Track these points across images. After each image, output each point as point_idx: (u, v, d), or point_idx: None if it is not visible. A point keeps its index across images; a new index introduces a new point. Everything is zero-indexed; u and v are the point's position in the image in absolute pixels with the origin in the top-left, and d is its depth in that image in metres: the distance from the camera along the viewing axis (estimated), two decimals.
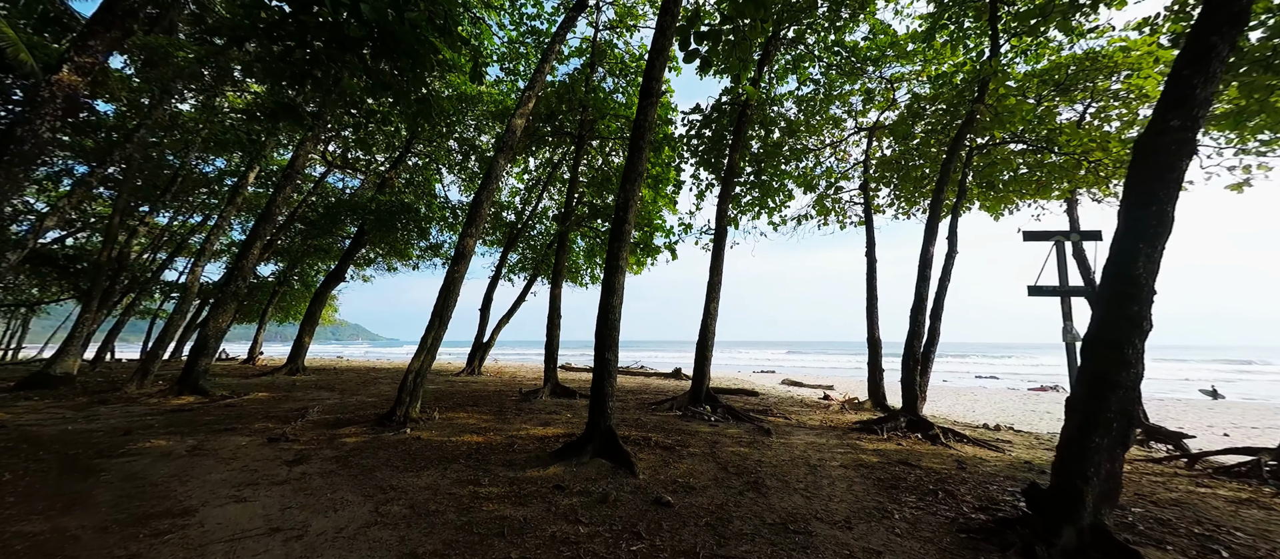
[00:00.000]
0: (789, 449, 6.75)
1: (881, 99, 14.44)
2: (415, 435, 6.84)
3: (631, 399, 12.02)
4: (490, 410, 9.29)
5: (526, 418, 8.54)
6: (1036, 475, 5.80)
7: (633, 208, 6.17)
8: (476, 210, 9.03)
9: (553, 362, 11.99)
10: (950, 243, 9.85)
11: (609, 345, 5.94)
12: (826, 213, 15.33)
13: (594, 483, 4.87)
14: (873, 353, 12.24)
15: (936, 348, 9.35)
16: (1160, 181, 3.54)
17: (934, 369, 11.24)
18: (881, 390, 11.91)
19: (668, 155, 14.74)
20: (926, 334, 8.80)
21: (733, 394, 14.14)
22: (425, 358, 8.05)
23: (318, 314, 17.16)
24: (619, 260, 6.06)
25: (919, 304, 8.69)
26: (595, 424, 5.71)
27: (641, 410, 9.90)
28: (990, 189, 11.85)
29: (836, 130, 15.44)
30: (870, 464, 6.02)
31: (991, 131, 10.33)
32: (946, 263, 9.69)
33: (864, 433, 8.06)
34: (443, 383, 14.72)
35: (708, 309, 10.57)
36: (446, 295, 8.41)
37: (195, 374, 10.55)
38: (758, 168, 13.58)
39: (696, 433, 7.63)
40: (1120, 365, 3.49)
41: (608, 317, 6.00)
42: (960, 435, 7.67)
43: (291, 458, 5.67)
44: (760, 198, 13.93)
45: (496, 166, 9.32)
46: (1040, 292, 6.55)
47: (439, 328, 8.25)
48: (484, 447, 6.30)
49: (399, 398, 7.75)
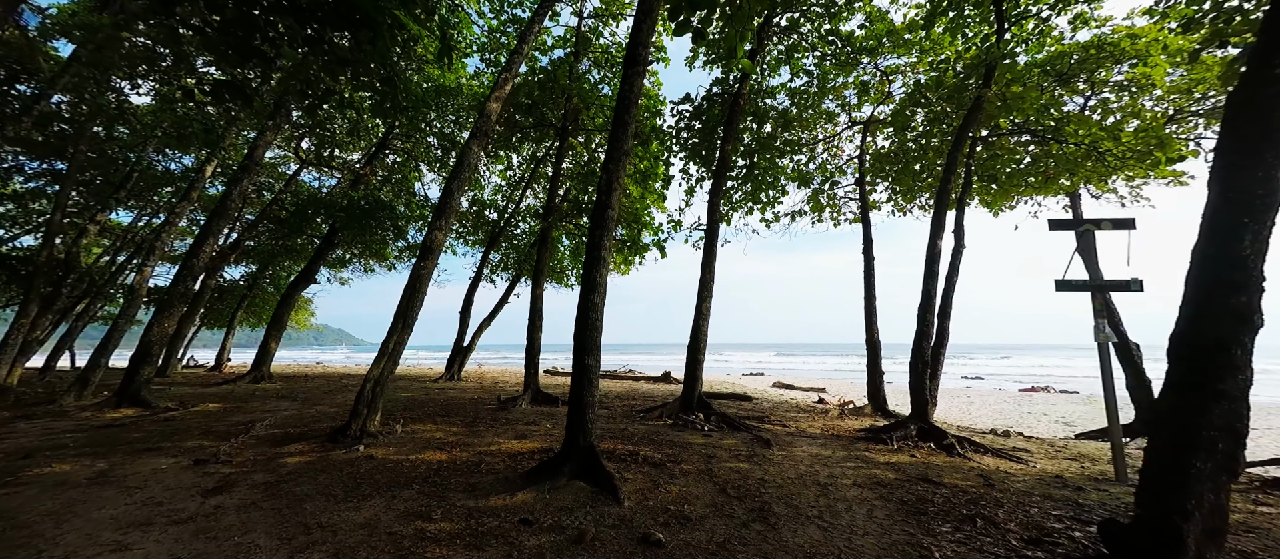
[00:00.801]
0: (793, 464, 5.97)
1: (876, 92, 13.86)
2: (369, 453, 5.92)
3: (618, 406, 11.18)
4: (462, 421, 8.38)
5: (501, 429, 7.65)
6: (1073, 493, 5.10)
7: (616, 190, 5.36)
8: (447, 202, 8.15)
9: (534, 366, 11.10)
10: (957, 236, 9.21)
11: (589, 348, 5.11)
12: (821, 209, 14.68)
13: (569, 514, 4.03)
14: (872, 355, 11.56)
15: (946, 349, 8.67)
16: (1267, 141, 2.83)
17: (896, 368, 10.61)
18: (882, 394, 11.22)
19: (656, 149, 13.97)
20: (935, 334, 8.10)
21: (725, 398, 13.36)
22: (386, 364, 7.13)
23: (286, 318, 16.03)
24: (601, 251, 5.24)
25: (927, 301, 8.00)
26: (573, 440, 4.87)
27: (629, 419, 9.07)
28: (991, 183, 11.26)
29: (829, 125, 14.83)
30: (887, 482, 5.26)
31: (998, 119, 9.73)
32: (953, 258, 9.03)
33: (872, 442, 7.31)
34: (418, 390, 13.73)
35: (699, 309, 9.79)
36: (412, 295, 7.51)
37: (136, 385, 9.47)
38: (750, 162, 12.87)
39: (689, 445, 6.82)
40: (1225, 370, 2.75)
41: (588, 315, 5.17)
42: (976, 445, 6.96)
43: (212, 485, 4.74)
44: (753, 193, 13.23)
45: (469, 154, 8.45)
46: (1069, 286, 5.87)
47: (402, 331, 7.34)
48: (446, 466, 5.42)
49: (355, 410, 6.82)
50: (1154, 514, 2.82)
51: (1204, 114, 10.77)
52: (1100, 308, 5.73)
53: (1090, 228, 5.86)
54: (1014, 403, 19.65)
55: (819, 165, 14.67)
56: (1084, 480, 5.59)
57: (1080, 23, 10.04)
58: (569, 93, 12.42)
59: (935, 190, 12.81)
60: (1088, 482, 5.55)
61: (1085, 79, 9.99)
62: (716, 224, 10.49)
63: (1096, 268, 5.83)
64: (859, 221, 14.73)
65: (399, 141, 19.00)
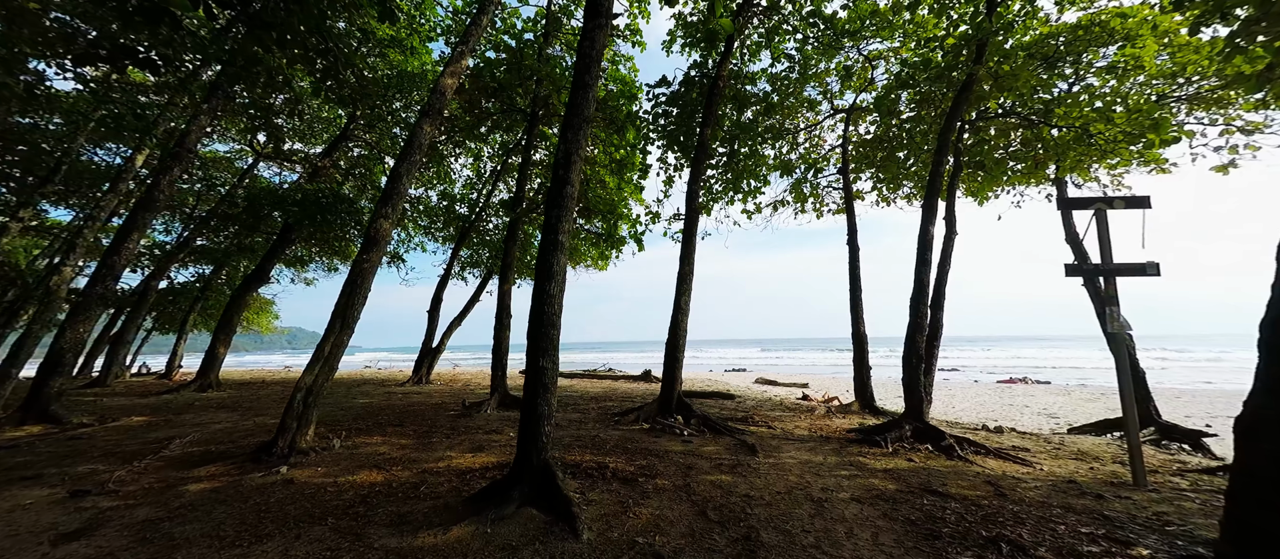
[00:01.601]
0: (782, 474, 5.27)
1: (859, 78, 13.33)
2: (291, 477, 5.02)
3: (594, 408, 10.39)
4: (415, 431, 7.48)
5: (457, 440, 6.79)
6: (1095, 502, 4.50)
7: (576, 164, 4.56)
8: (394, 187, 7.24)
9: (502, 368, 10.22)
10: (948, 224, 8.66)
11: (546, 348, 4.31)
12: (804, 199, 14.10)
13: (515, 554, 3.23)
14: (858, 350, 11.00)
15: (940, 342, 8.10)
16: None
17: (881, 361, 10.04)
18: (869, 390, 10.66)
19: (633, 137, 13.19)
20: (928, 326, 7.52)
21: (706, 397, 12.68)
22: (321, 370, 6.20)
23: (236, 321, 14.77)
24: (558, 234, 4.44)
25: (919, 291, 7.41)
26: (526, 458, 4.07)
27: (603, 424, 8.28)
28: (978, 170, 10.78)
29: (811, 114, 14.26)
30: (889, 495, 4.59)
31: (989, 100, 9.23)
32: (946, 245, 8.47)
33: (864, 445, 6.67)
34: (380, 396, 12.70)
35: (678, 303, 9.05)
36: (352, 291, 6.58)
37: (44, 398, 8.31)
38: (731, 148, 12.18)
39: (666, 454, 6.07)
40: None
41: (544, 309, 4.37)
42: (976, 445, 6.38)
43: (76, 527, 3.80)
44: (733, 181, 12.55)
45: (420, 134, 7.54)
46: (1080, 271, 5.31)
47: (341, 332, 6.42)
48: (379, 490, 4.56)
49: (283, 424, 5.88)
50: (1252, 549, 2.17)
51: (1188, 100, 10.47)
52: (1113, 295, 5.16)
53: (1103, 207, 5.29)
54: (994, 395, 19.49)
55: (801, 155, 14.09)
56: (1100, 486, 5.02)
57: (1068, 2, 9.60)
58: (538, 75, 11.55)
59: (921, 179, 12.34)
60: (1105, 487, 4.98)
61: (1072, 62, 9.56)
62: (695, 213, 9.77)
63: (1109, 251, 5.26)
64: (842, 213, 14.23)
65: (361, 133, 17.81)
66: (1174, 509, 4.32)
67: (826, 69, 13.25)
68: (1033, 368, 34.59)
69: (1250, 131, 9.42)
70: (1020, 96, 8.97)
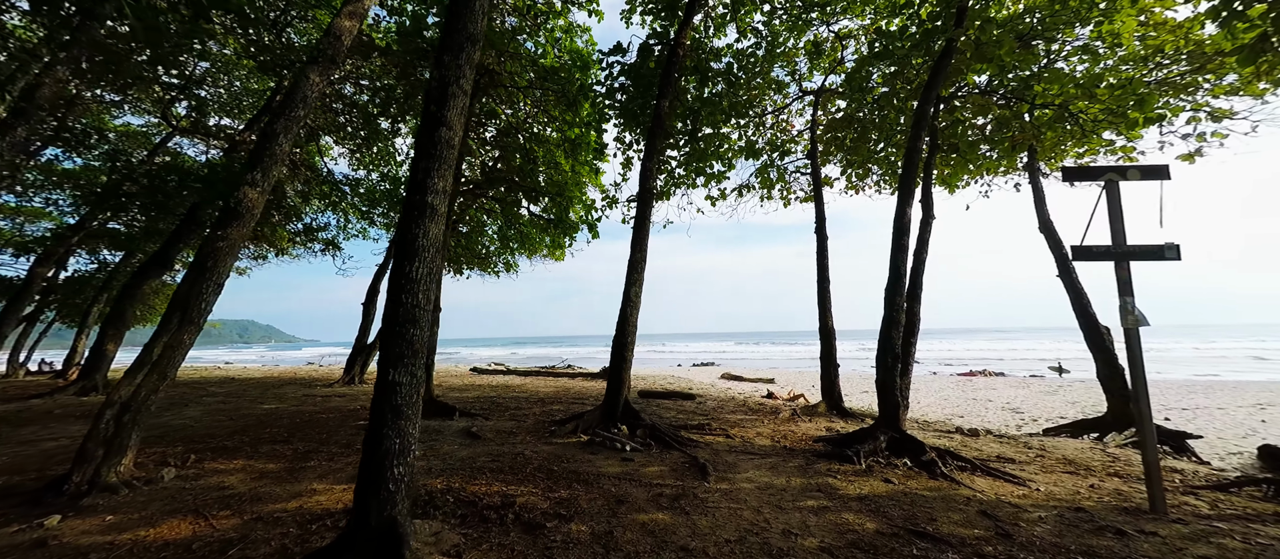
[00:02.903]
0: (735, 509, 4.13)
1: (828, 57, 12.38)
2: (57, 530, 3.55)
3: (534, 413, 9.10)
4: (296, 450, 6.01)
5: (342, 463, 5.39)
6: (1117, 541, 3.54)
7: (456, 98, 3.26)
8: (267, 147, 5.72)
9: (428, 370, 8.78)
10: (925, 207, 7.74)
11: (402, 354, 3.00)
12: (770, 185, 13.09)
13: None
14: (826, 346, 10.07)
15: (917, 339, 7.17)
16: None
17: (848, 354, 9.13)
18: (837, 390, 9.75)
19: (588, 114, 11.85)
20: (905, 320, 6.55)
21: (664, 398, 11.57)
22: (146, 379, 4.69)
23: (129, 313, 12.73)
24: (427, 192, 3.13)
25: (896, 280, 6.42)
26: (363, 515, 2.77)
27: (537, 435, 7.01)
28: (952, 151, 9.97)
29: (779, 97, 13.26)
30: (867, 539, 3.51)
31: (967, 73, 8.35)
32: (922, 230, 7.55)
33: (834, 459, 5.64)
34: (295, 399, 11.03)
35: (627, 295, 7.85)
36: (199, 277, 5.06)
37: None
38: (693, 127, 11.02)
39: (598, 479, 4.87)
40: None
41: (402, 299, 3.07)
42: (959, 459, 5.43)
43: None
44: (695, 164, 11.41)
45: (306, 85, 6.03)
46: (1089, 255, 4.35)
47: (182, 328, 4.90)
48: (172, 555, 3.17)
49: (82, 451, 4.36)
50: None
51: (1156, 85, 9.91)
52: (1126, 282, 4.23)
53: (1115, 178, 4.35)
54: (956, 389, 19.17)
55: (768, 140, 13.08)
56: (1114, 515, 4.09)
57: None
58: None
59: (891, 166, 11.50)
60: (1119, 516, 4.05)
61: (1048, 40, 8.79)
62: (650, 194, 8.57)
63: (1122, 231, 4.33)
64: (810, 201, 13.32)
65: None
66: (1216, 552, 3.40)
67: (795, 47, 12.25)
68: (987, 359, 35.15)
69: (1219, 118, 8.88)
70: (1001, 69, 8.11)
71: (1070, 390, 17.83)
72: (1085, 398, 16.02)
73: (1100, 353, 8.24)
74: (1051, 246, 9.42)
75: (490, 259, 16.85)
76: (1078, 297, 8.82)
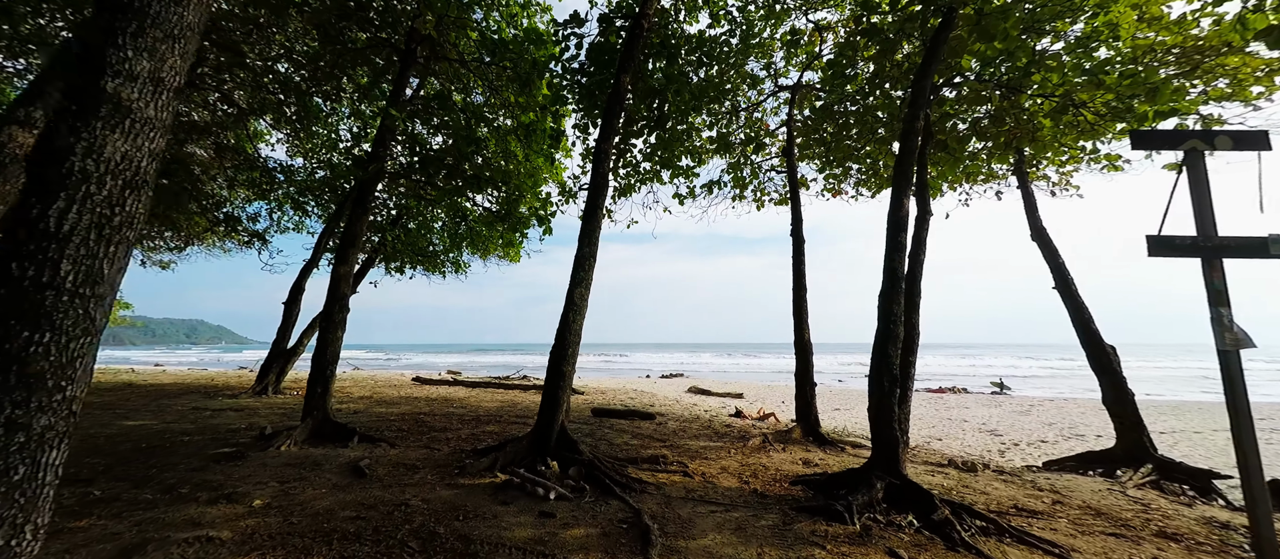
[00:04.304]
0: None
1: (806, 47, 11.32)
2: None
3: (458, 437, 7.46)
4: (81, 498, 4.25)
5: (123, 522, 3.68)
6: None
7: None
8: None
9: (323, 382, 7.02)
10: (921, 203, 6.57)
11: None
12: (743, 184, 11.88)
13: None
14: (802, 362, 8.80)
15: (917, 357, 5.90)
16: None
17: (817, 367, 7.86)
18: (813, 412, 8.47)
19: (544, 95, 10.38)
20: (903, 332, 5.27)
21: (619, 417, 10.07)
22: None
23: None
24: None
25: (891, 285, 5.16)
26: None
27: (442, 472, 5.40)
28: (940, 149, 8.93)
29: (754, 94, 12.14)
30: None
31: (964, 55, 7.30)
32: (918, 229, 6.35)
33: (819, 515, 4.24)
34: (172, 415, 9.02)
35: (571, 296, 6.38)
36: None
37: None
38: (660, 111, 9.68)
39: (494, 551, 3.34)
40: None
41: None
42: (981, 518, 4.12)
43: None
44: (662, 153, 10.08)
45: None
46: (1171, 247, 3.13)
47: None
48: None
49: None
50: None
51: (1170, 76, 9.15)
52: (1220, 289, 3.02)
53: (1199, 146, 3.16)
54: (929, 407, 18.30)
55: (742, 133, 11.88)
56: None
57: None
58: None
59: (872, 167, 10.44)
60: None
61: (1040, 33, 7.86)
62: (604, 178, 7.16)
63: (1211, 218, 3.15)
64: (785, 203, 12.17)
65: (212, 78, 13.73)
66: None
67: (771, 38, 11.15)
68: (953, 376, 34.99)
69: (1211, 124, 8.14)
70: (1001, 51, 7.08)
71: (1041, 410, 17.19)
72: (1059, 418, 15.34)
73: (1107, 375, 7.20)
74: (1046, 256, 8.45)
75: (437, 258, 15.08)
76: (1078, 311, 7.82)
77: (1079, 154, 9.16)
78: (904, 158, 5.67)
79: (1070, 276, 8.00)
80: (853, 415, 15.53)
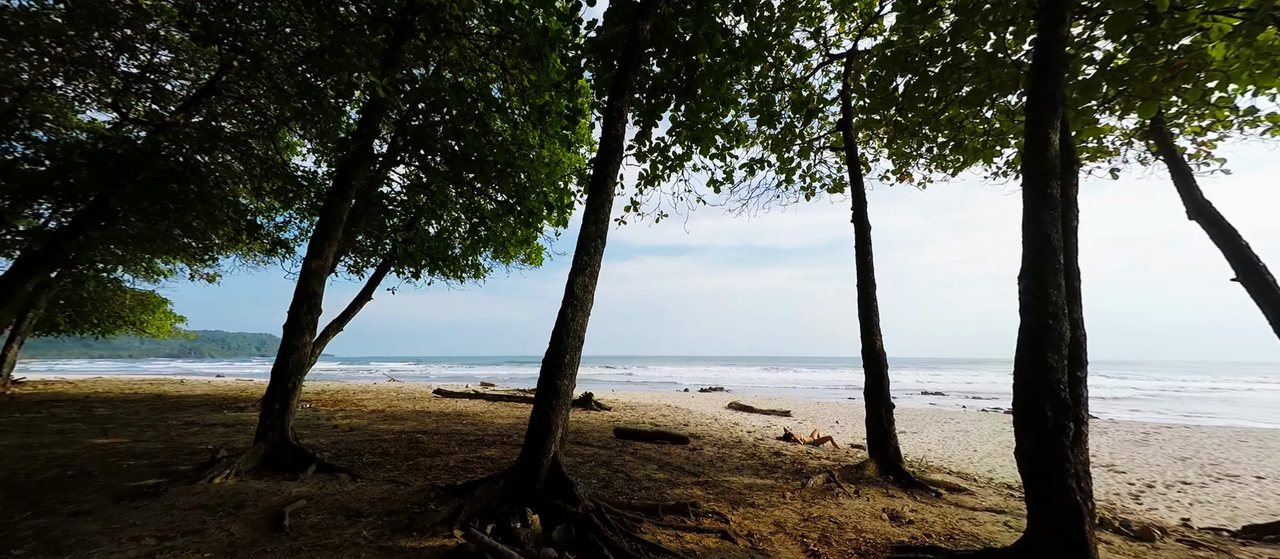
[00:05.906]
0: None
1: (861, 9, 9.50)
2: None
3: (446, 465, 6.01)
4: None
5: None
6: None
7: None
8: None
9: (283, 398, 5.75)
10: (1066, 150, 4.58)
11: None
12: (790, 169, 10.02)
13: None
14: (873, 375, 6.81)
15: (1087, 373, 3.88)
16: None
17: (842, 382, 6.05)
18: (891, 441, 6.45)
19: (558, 70, 9.02)
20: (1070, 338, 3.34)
21: (647, 440, 8.37)
22: None
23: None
24: None
25: (1042, 259, 3.27)
26: None
27: (395, 522, 3.90)
28: None
29: (799, 69, 10.36)
30: None
31: None
32: (1065, 183, 4.37)
33: None
34: (159, 433, 8.12)
35: (571, 287, 4.84)
36: None
37: None
38: (687, 76, 8.05)
39: None
40: None
41: None
42: None
43: None
44: (690, 125, 8.46)
45: None
46: None
47: None
48: None
49: None
50: None
51: None
52: None
53: None
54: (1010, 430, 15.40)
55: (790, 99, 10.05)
56: None
57: None
58: None
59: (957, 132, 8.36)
60: None
61: None
62: (617, 141, 5.63)
63: None
64: (839, 191, 10.24)
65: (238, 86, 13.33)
66: None
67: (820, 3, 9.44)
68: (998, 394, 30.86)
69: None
70: None
71: (1162, 440, 13.97)
72: (1190, 451, 12.20)
73: None
74: (1218, 239, 6.16)
75: (458, 263, 14.00)
76: (1277, 308, 5.49)
77: (1227, 117, 6.84)
78: (1043, 75, 3.79)
79: (1261, 262, 5.69)
80: (922, 439, 13.11)
